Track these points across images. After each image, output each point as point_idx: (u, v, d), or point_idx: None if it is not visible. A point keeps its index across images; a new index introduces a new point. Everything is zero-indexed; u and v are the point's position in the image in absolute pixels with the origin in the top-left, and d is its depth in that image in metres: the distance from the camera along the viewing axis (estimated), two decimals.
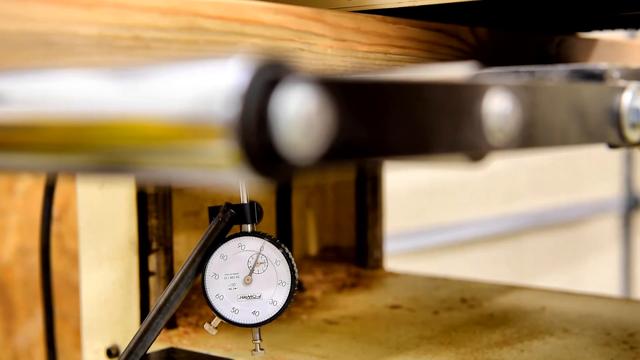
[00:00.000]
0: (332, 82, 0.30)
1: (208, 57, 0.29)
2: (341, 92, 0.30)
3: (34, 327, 1.37)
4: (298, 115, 0.28)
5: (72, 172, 0.34)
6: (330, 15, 0.61)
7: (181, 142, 0.28)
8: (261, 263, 0.67)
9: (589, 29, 0.94)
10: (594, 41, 0.91)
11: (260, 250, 0.67)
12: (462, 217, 2.27)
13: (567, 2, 0.74)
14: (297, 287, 0.68)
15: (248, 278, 0.67)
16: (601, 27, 0.93)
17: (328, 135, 0.29)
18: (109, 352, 0.88)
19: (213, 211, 0.68)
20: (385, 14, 0.67)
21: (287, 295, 0.67)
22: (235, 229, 0.68)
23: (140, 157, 0.30)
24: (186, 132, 0.28)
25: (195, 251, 0.67)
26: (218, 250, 0.67)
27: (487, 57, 0.77)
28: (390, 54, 0.66)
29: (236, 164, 0.28)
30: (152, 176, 0.30)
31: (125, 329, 0.88)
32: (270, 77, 0.28)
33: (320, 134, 0.29)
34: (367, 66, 0.64)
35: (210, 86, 0.28)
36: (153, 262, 0.87)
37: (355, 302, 0.99)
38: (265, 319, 0.67)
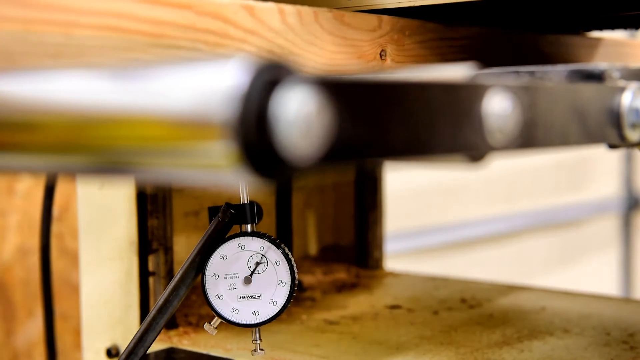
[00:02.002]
0: (332, 83, 0.30)
1: (208, 58, 0.29)
2: (340, 93, 0.30)
3: (34, 327, 1.37)
4: (298, 116, 0.28)
5: (72, 173, 0.34)
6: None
7: (181, 142, 0.28)
8: (261, 263, 0.67)
9: (588, 29, 0.94)
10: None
11: (260, 250, 0.67)
12: (462, 217, 2.27)
13: (567, 2, 0.74)
14: (297, 287, 0.68)
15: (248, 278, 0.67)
16: (601, 27, 0.93)
17: (327, 136, 0.29)
18: (109, 352, 0.88)
19: (213, 211, 0.68)
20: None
21: (286, 296, 0.67)
22: (235, 229, 0.68)
23: (140, 158, 0.30)
24: (186, 132, 0.28)
25: (195, 251, 0.67)
26: (218, 250, 0.67)
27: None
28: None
29: (236, 165, 0.28)
30: (152, 176, 0.30)
31: (125, 329, 0.87)
32: (270, 78, 0.28)
33: (319, 134, 0.29)
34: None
35: (210, 87, 0.28)
36: (153, 262, 0.87)
37: (355, 302, 0.99)
38: (265, 319, 0.67)
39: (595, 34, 0.95)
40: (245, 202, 0.68)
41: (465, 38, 0.75)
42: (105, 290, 0.88)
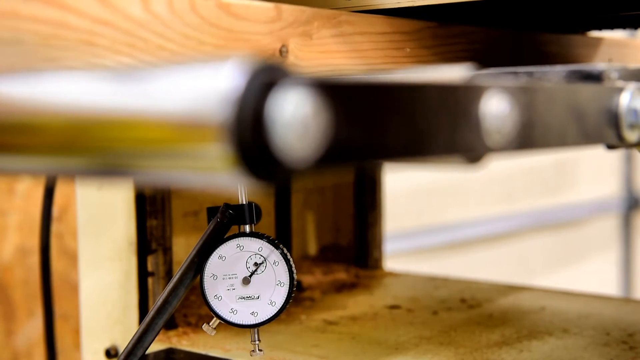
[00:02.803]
0: (328, 85, 0.30)
1: (205, 60, 0.29)
2: (337, 94, 0.30)
3: (34, 327, 1.37)
4: (294, 117, 0.28)
5: (70, 175, 0.34)
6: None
7: (177, 144, 0.28)
8: (260, 264, 0.67)
9: (588, 29, 0.94)
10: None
11: (259, 251, 0.67)
12: (462, 217, 2.27)
13: (566, 2, 0.74)
14: (295, 288, 0.68)
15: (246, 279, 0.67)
16: (600, 27, 0.93)
17: (324, 138, 0.29)
18: (108, 353, 0.88)
19: (212, 212, 0.68)
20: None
21: (285, 296, 0.67)
22: (234, 229, 0.68)
23: (136, 160, 0.30)
24: (182, 134, 0.28)
25: (194, 252, 0.67)
26: (217, 251, 0.67)
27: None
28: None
29: (232, 167, 0.28)
30: (149, 179, 0.30)
31: (124, 329, 0.87)
32: (266, 79, 0.28)
33: (316, 136, 0.29)
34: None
35: (207, 89, 0.28)
36: (152, 262, 0.87)
37: (354, 302, 0.99)
38: (264, 319, 0.67)
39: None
40: (244, 202, 0.68)
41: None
42: (104, 291, 0.88)
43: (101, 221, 0.88)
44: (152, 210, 0.86)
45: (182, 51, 0.51)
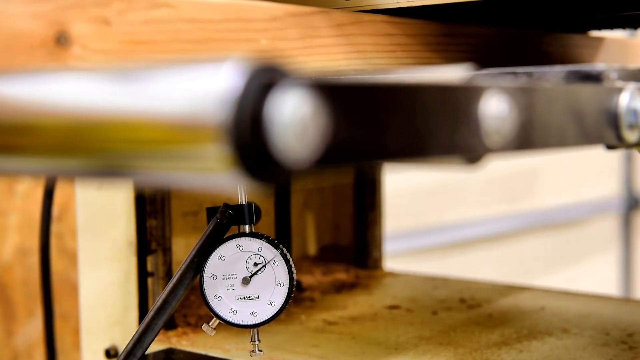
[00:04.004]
0: (327, 85, 0.30)
1: (203, 60, 0.29)
2: (336, 95, 0.30)
3: (34, 327, 1.37)
4: (293, 118, 0.28)
5: (68, 176, 0.34)
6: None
7: (176, 145, 0.28)
8: (259, 264, 0.67)
9: (587, 29, 0.94)
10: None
11: (259, 251, 0.67)
12: (462, 217, 2.27)
13: (566, 2, 0.74)
14: (295, 288, 0.68)
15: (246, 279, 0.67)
16: (600, 27, 0.93)
17: (323, 139, 0.29)
18: (108, 353, 0.88)
19: (211, 212, 0.68)
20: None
21: (285, 296, 0.67)
22: (234, 229, 0.68)
23: (135, 161, 0.30)
24: (181, 135, 0.28)
25: (194, 252, 0.67)
26: (216, 251, 0.67)
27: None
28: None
29: (230, 168, 0.28)
30: (148, 179, 0.30)
31: (123, 329, 0.87)
32: (265, 80, 0.28)
33: (315, 137, 0.29)
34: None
35: (205, 89, 0.28)
36: (151, 262, 0.87)
37: (354, 303, 0.99)
38: (264, 319, 0.67)
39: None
40: (244, 202, 0.68)
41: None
42: (104, 291, 0.88)
43: (101, 221, 0.88)
44: (152, 211, 0.86)
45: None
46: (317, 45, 0.59)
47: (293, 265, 0.68)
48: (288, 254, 0.68)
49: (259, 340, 0.69)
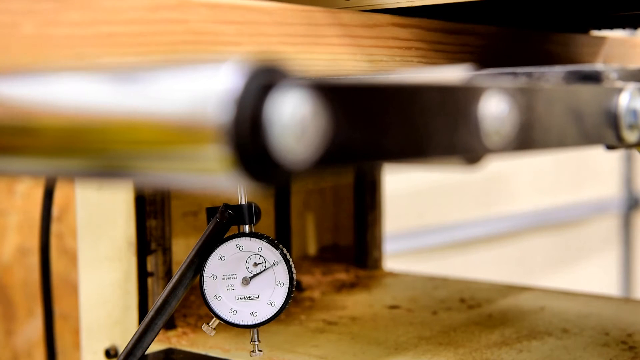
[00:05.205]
0: (327, 86, 0.30)
1: (202, 61, 0.29)
2: (336, 95, 0.30)
3: (34, 327, 1.37)
4: (292, 119, 0.28)
5: (68, 176, 0.34)
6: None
7: (175, 146, 0.28)
8: (259, 264, 0.67)
9: (587, 29, 0.94)
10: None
11: (258, 251, 0.67)
12: (462, 217, 2.27)
13: (566, 1, 0.74)
14: (295, 288, 0.68)
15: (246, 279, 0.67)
16: (600, 27, 0.93)
17: (323, 139, 0.29)
18: (108, 353, 0.88)
19: (211, 212, 0.68)
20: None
21: (285, 296, 0.67)
22: (234, 229, 0.68)
23: (135, 161, 0.30)
24: (180, 136, 0.28)
25: (194, 252, 0.67)
26: (216, 251, 0.67)
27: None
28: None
29: (230, 169, 0.28)
30: (148, 180, 0.30)
31: (123, 329, 0.88)
32: (264, 81, 0.28)
33: (314, 138, 0.29)
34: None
35: (205, 90, 0.28)
36: (151, 262, 0.87)
37: (354, 303, 0.99)
38: (264, 319, 0.67)
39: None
40: (244, 203, 0.68)
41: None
42: (104, 291, 0.88)
43: (101, 221, 0.88)
44: (152, 211, 0.86)
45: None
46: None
47: (293, 266, 0.68)
48: (288, 254, 0.68)
49: (258, 341, 0.69)
